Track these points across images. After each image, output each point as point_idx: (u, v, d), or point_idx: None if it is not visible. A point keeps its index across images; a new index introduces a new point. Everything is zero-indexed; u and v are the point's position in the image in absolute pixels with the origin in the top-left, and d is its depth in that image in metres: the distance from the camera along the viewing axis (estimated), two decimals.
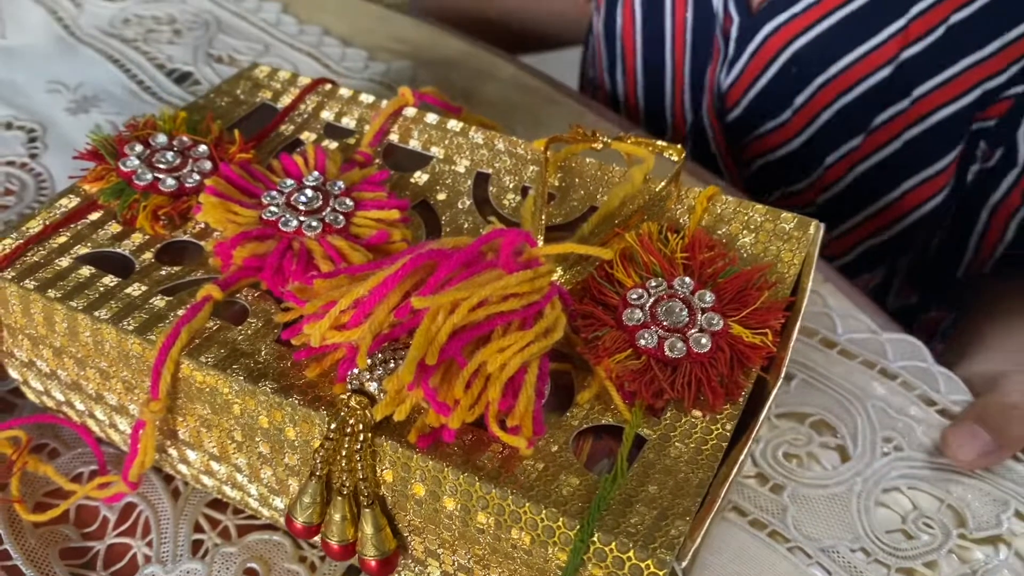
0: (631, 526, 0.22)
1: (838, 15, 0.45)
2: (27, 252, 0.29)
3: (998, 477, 0.31)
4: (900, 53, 0.44)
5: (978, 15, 0.43)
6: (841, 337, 0.35)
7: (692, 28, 0.50)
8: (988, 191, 0.46)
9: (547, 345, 0.25)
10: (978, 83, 0.44)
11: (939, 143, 0.46)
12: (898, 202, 0.48)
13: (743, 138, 0.50)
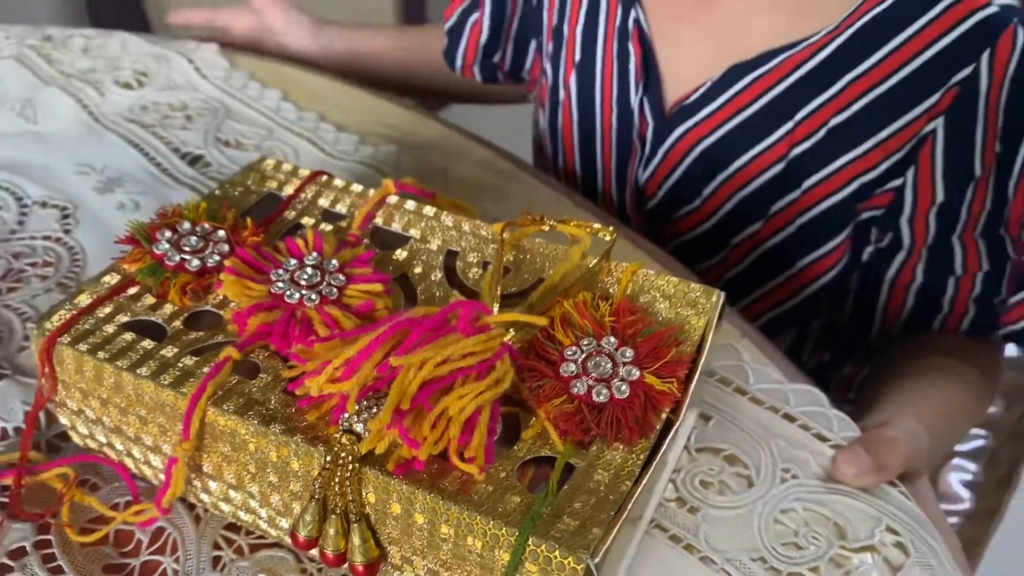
0: (558, 532, 0.28)
1: (736, 120, 0.52)
2: (79, 321, 0.35)
3: (874, 498, 0.37)
4: (790, 151, 0.52)
5: (854, 118, 0.50)
6: (752, 386, 0.41)
7: (616, 129, 0.58)
8: (885, 268, 0.54)
9: (497, 393, 0.31)
10: (856, 176, 0.51)
11: (828, 227, 0.53)
12: (796, 276, 0.55)
13: (659, 223, 0.58)
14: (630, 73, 0.56)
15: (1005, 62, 0.48)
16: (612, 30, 0.57)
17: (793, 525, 0.36)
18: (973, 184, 0.50)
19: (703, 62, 0.54)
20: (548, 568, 0.28)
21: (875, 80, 0.50)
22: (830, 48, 0.50)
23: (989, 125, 0.49)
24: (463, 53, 0.67)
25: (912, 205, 0.52)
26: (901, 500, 0.37)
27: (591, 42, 0.58)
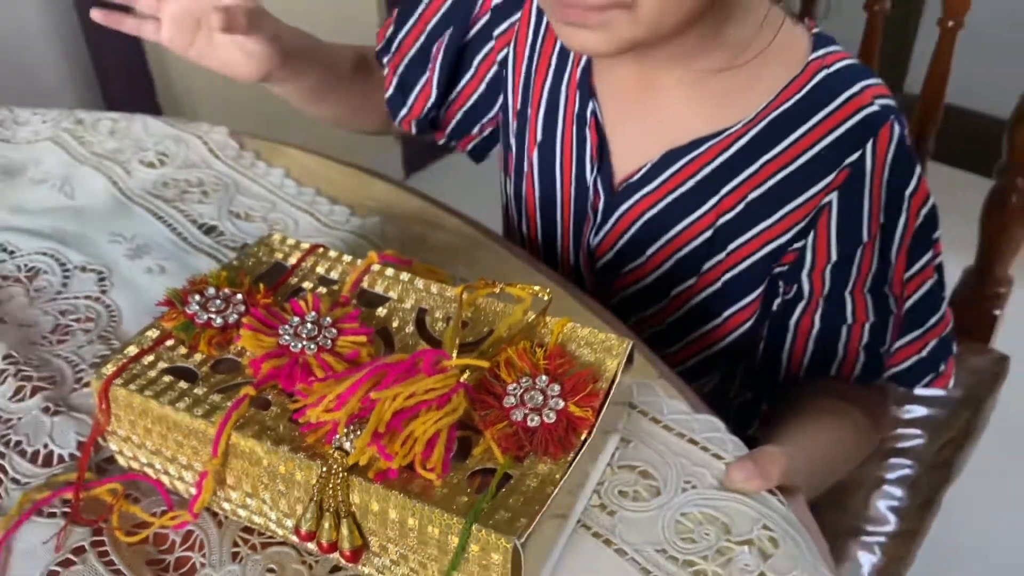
0: (495, 522, 0.38)
1: (673, 195, 0.63)
2: (129, 367, 0.45)
3: (755, 503, 0.47)
4: (717, 220, 0.62)
5: (768, 193, 0.60)
6: (665, 416, 0.51)
7: (574, 200, 0.68)
8: (789, 316, 0.64)
9: (453, 419, 0.41)
10: (770, 240, 0.61)
11: (748, 283, 0.63)
12: (722, 325, 0.65)
13: (608, 279, 0.68)
14: (587, 155, 0.67)
15: (885, 149, 0.59)
16: (571, 117, 0.67)
17: (690, 524, 0.46)
18: (861, 248, 0.61)
19: (645, 147, 0.64)
20: (486, 548, 0.38)
21: (784, 162, 0.61)
22: (747, 137, 0.61)
23: (874, 200, 0.60)
24: (408, 109, 0.76)
25: (812, 262, 0.62)
26: (776, 504, 0.47)
27: (552, 125, 0.69)
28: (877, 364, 0.64)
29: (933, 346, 0.66)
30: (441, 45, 0.73)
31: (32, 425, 0.51)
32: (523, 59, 0.70)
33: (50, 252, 0.65)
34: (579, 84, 0.66)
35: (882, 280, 0.62)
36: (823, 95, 0.60)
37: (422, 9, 0.74)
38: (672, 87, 0.63)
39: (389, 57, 0.76)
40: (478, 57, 0.72)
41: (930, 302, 0.64)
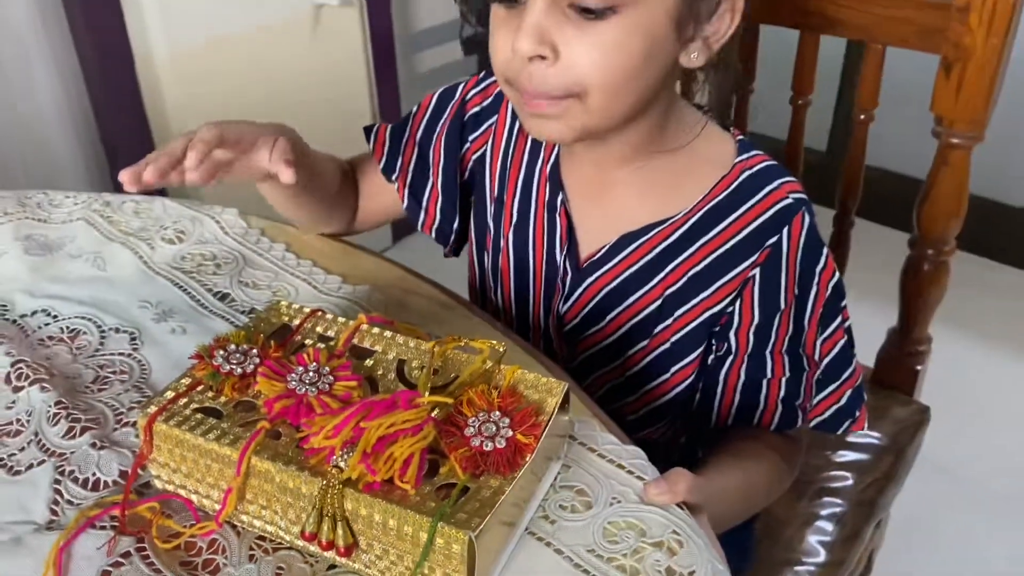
0: (455, 521, 0.50)
1: (628, 272, 0.75)
2: (168, 408, 0.57)
3: (667, 513, 0.58)
4: (665, 292, 0.74)
5: (706, 269, 0.73)
6: (600, 446, 0.63)
7: (544, 275, 0.80)
8: (719, 370, 0.75)
9: (424, 445, 0.53)
10: (708, 308, 0.73)
11: (691, 344, 0.75)
12: (670, 379, 0.77)
13: (574, 341, 0.79)
14: (557, 237, 0.79)
15: (798, 234, 0.72)
16: (543, 204, 0.80)
17: (614, 530, 0.57)
18: (779, 314, 0.73)
19: (605, 231, 0.76)
20: (448, 541, 0.49)
21: (718, 244, 0.73)
22: (687, 224, 0.74)
23: (789, 275, 0.72)
24: (425, 214, 0.88)
25: (738, 322, 0.74)
26: (683, 515, 0.58)
27: (526, 210, 0.81)
28: (792, 416, 0.75)
29: (849, 396, 0.77)
30: (437, 149, 0.86)
31: (82, 458, 0.63)
32: (499, 154, 0.83)
33: (88, 316, 0.77)
34: (549, 177, 0.79)
35: (797, 343, 0.74)
36: (747, 191, 0.73)
37: (411, 123, 0.87)
38: (624, 183, 0.75)
39: (396, 174, 0.87)
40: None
41: (843, 359, 0.76)
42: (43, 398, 0.67)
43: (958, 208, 1.03)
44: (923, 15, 0.95)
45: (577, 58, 0.63)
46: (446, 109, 0.85)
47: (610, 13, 0.62)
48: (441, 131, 0.85)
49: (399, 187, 0.87)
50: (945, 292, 1.10)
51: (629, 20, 0.63)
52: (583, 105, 0.65)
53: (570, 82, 0.64)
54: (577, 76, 0.64)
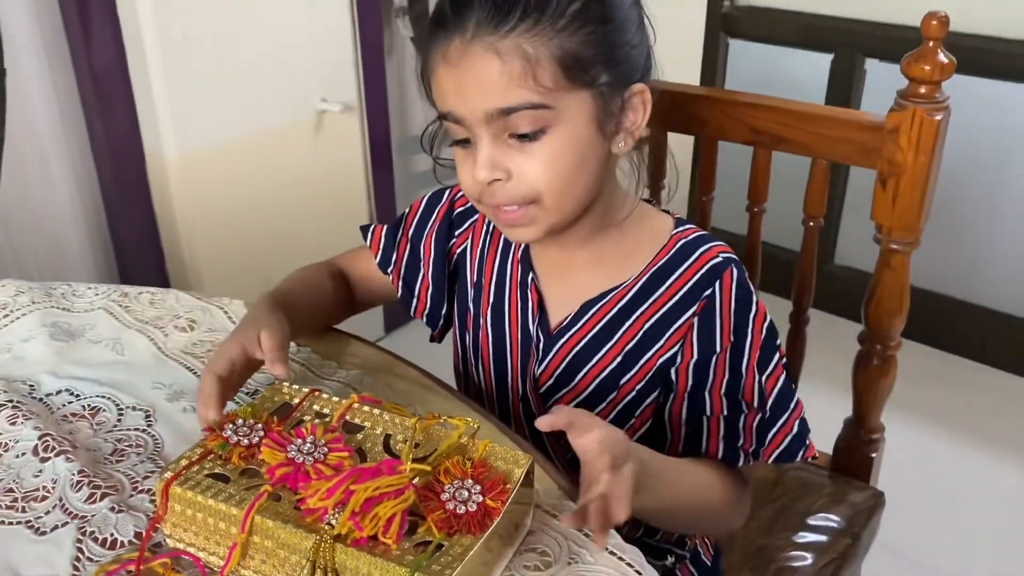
0: (430, 572, 0.58)
1: (591, 333, 0.85)
2: (183, 473, 0.65)
3: (615, 570, 0.66)
4: (624, 347, 0.84)
5: (655, 324, 0.83)
6: (560, 513, 0.71)
7: (520, 344, 0.90)
8: (664, 405, 0.85)
9: (405, 506, 0.61)
10: (662, 356, 0.84)
11: (651, 389, 0.85)
12: (634, 424, 0.87)
13: (548, 399, 0.89)
14: (529, 311, 0.89)
15: (729, 286, 0.83)
16: (516, 284, 0.91)
17: None
18: (715, 356, 0.83)
19: (569, 302, 0.87)
20: None
21: (664, 301, 0.84)
22: (636, 287, 0.85)
23: (724, 322, 0.83)
24: (417, 301, 0.98)
25: (680, 360, 0.84)
26: (629, 570, 0.66)
27: (501, 290, 0.92)
28: (735, 454, 0.84)
29: (798, 426, 0.85)
30: (428, 245, 0.97)
31: (102, 520, 0.70)
32: (479, 246, 0.94)
33: (107, 395, 0.86)
34: (521, 261, 0.90)
35: (736, 388, 0.83)
36: (683, 255, 0.85)
37: (403, 223, 0.98)
38: (582, 259, 0.87)
39: (392, 268, 0.99)
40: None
41: (786, 392, 0.85)
42: (67, 467, 0.75)
43: (900, 307, 1.13)
44: (860, 135, 1.07)
45: (526, 174, 0.76)
46: (435, 210, 0.97)
47: (541, 134, 0.75)
48: (431, 229, 0.96)
49: (394, 279, 0.98)
50: (894, 384, 1.19)
51: (558, 134, 0.75)
52: (542, 208, 0.78)
53: (525, 192, 0.77)
54: (530, 187, 0.76)
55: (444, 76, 0.76)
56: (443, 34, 0.75)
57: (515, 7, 0.73)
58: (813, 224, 1.16)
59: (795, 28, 2.38)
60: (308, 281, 0.97)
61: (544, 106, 0.74)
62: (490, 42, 0.73)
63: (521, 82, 0.73)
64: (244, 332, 0.82)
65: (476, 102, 0.74)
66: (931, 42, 1.00)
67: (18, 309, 0.99)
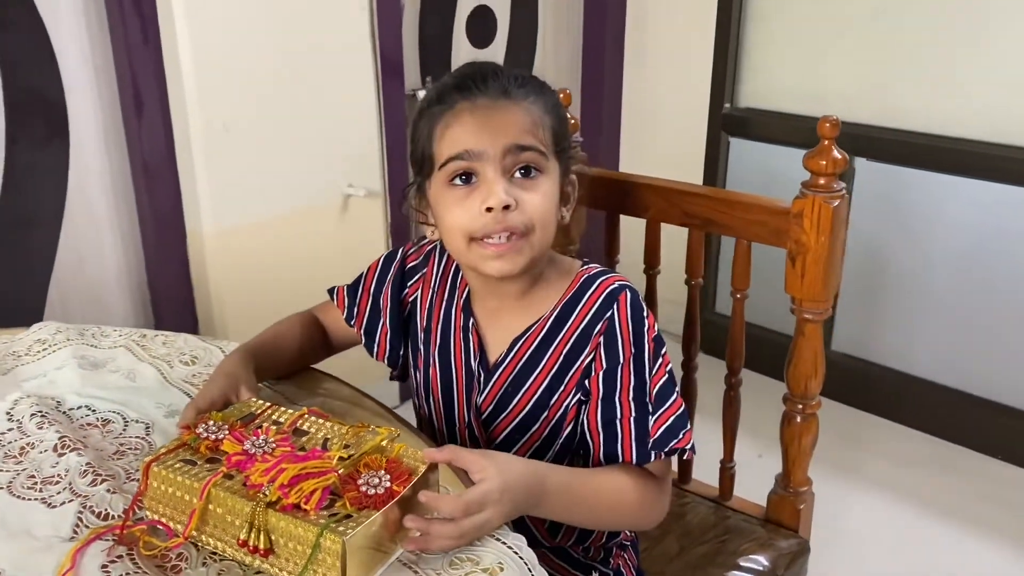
0: (333, 531, 0.74)
1: (521, 362, 1.02)
2: (161, 458, 0.83)
3: (498, 549, 0.82)
4: (550, 372, 1.01)
5: (572, 348, 1.00)
6: None
7: (464, 377, 1.07)
8: (584, 414, 1.01)
9: (325, 484, 0.78)
10: (581, 374, 1.00)
11: (576, 404, 1.02)
12: (564, 438, 1.03)
13: (490, 425, 1.05)
14: (471, 351, 1.07)
15: (625, 307, 1.00)
16: (459, 328, 1.08)
17: (458, 561, 0.81)
18: (620, 366, 0.99)
19: (502, 340, 1.05)
20: (328, 542, 0.74)
21: (576, 327, 1.01)
22: (551, 319, 1.02)
23: (624, 336, 0.99)
24: (378, 347, 1.17)
25: (592, 371, 1.00)
26: (509, 552, 0.82)
27: (447, 335, 1.09)
28: (646, 453, 0.98)
29: (675, 418, 0.99)
30: (386, 297, 1.15)
31: (100, 499, 0.89)
32: (428, 295, 1.12)
33: (117, 411, 1.05)
34: (463, 309, 1.08)
35: (642, 392, 0.99)
36: (587, 287, 1.03)
37: (363, 282, 1.17)
38: (512, 306, 1.05)
39: (355, 320, 1.17)
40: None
41: (666, 391, 1.00)
42: (78, 460, 0.93)
43: (816, 370, 1.28)
44: (772, 219, 1.24)
45: (528, 205, 0.95)
46: (390, 267, 1.16)
47: (538, 174, 0.96)
48: (388, 283, 1.15)
49: (357, 329, 1.16)
50: (816, 440, 1.33)
51: (547, 182, 0.97)
52: (529, 241, 0.97)
53: (527, 220, 0.95)
54: (527, 218, 0.95)
55: (469, 120, 0.95)
56: (472, 95, 0.96)
57: (525, 87, 0.98)
58: (740, 296, 1.33)
59: (791, 129, 2.58)
60: (281, 334, 1.17)
61: (543, 154, 0.96)
62: (513, 101, 0.96)
63: (532, 132, 0.96)
64: (225, 382, 1.01)
65: (499, 139, 0.94)
66: (826, 141, 1.19)
67: (55, 344, 1.20)
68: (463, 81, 0.97)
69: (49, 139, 1.92)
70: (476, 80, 0.97)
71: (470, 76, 0.97)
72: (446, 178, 0.97)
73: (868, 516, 2.18)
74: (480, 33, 2.68)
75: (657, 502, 1.02)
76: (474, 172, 0.96)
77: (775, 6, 2.63)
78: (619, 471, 0.99)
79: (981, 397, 2.41)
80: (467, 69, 1.00)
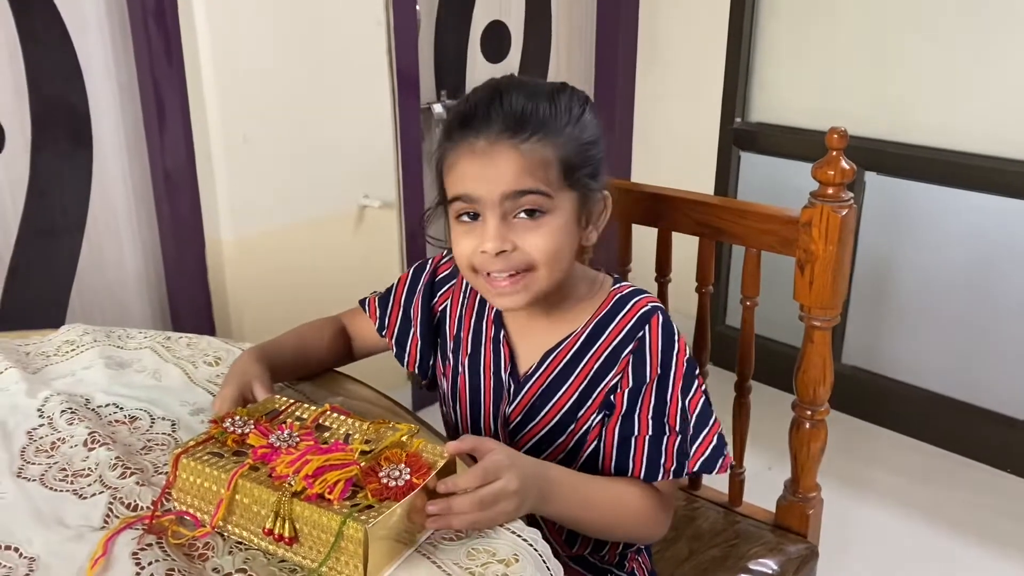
0: (357, 520, 0.77)
1: (551, 376, 1.05)
2: (190, 450, 0.87)
3: (514, 540, 0.84)
4: (579, 387, 1.04)
5: (602, 365, 1.02)
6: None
7: (493, 388, 1.10)
8: (605, 427, 1.03)
9: (348, 476, 0.81)
10: (608, 391, 1.02)
11: (600, 418, 1.04)
12: (585, 448, 1.05)
13: (516, 434, 1.08)
14: (502, 362, 1.09)
15: (656, 328, 1.03)
16: (490, 339, 1.11)
17: (475, 552, 0.83)
18: (646, 385, 1.02)
19: (533, 353, 1.08)
20: (351, 531, 0.77)
21: (607, 345, 1.04)
22: (584, 336, 1.05)
23: (653, 357, 1.02)
24: (408, 357, 1.20)
25: (620, 387, 1.02)
26: (524, 544, 0.85)
27: (477, 344, 1.12)
28: (655, 470, 1.01)
29: (715, 442, 1.03)
30: (416, 307, 1.18)
31: (129, 491, 0.92)
32: (458, 304, 1.15)
33: (144, 409, 1.08)
34: (494, 321, 1.11)
35: (661, 413, 1.01)
36: (620, 306, 1.05)
37: (394, 292, 1.20)
38: (543, 319, 1.07)
39: (386, 331, 1.21)
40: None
41: (705, 414, 1.03)
42: (107, 455, 0.97)
43: (824, 376, 1.30)
44: (781, 228, 1.27)
45: (528, 246, 0.97)
46: (420, 277, 1.19)
47: (541, 215, 0.96)
48: (419, 294, 1.18)
49: (388, 339, 1.20)
50: (825, 446, 1.36)
51: (553, 220, 0.97)
52: (535, 276, 0.99)
53: (526, 261, 0.98)
54: (529, 257, 0.98)
55: (468, 164, 0.97)
56: (472, 134, 0.95)
57: (528, 124, 0.95)
58: (750, 304, 1.36)
59: (800, 143, 2.62)
60: (307, 336, 1.21)
61: (547, 195, 0.96)
62: (512, 144, 0.94)
63: (533, 174, 0.95)
64: (238, 380, 1.05)
65: (496, 186, 0.94)
66: (834, 152, 1.22)
67: (83, 346, 1.23)
68: (467, 116, 0.96)
69: (73, 149, 1.97)
70: (479, 117, 0.95)
71: (473, 111, 0.96)
72: (455, 213, 1.01)
73: (878, 528, 2.20)
74: (495, 48, 2.73)
75: (659, 518, 1.04)
76: (478, 212, 0.98)
77: (785, 23, 2.67)
78: (625, 481, 1.02)
79: (991, 410, 2.42)
80: (477, 96, 0.98)
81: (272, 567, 0.82)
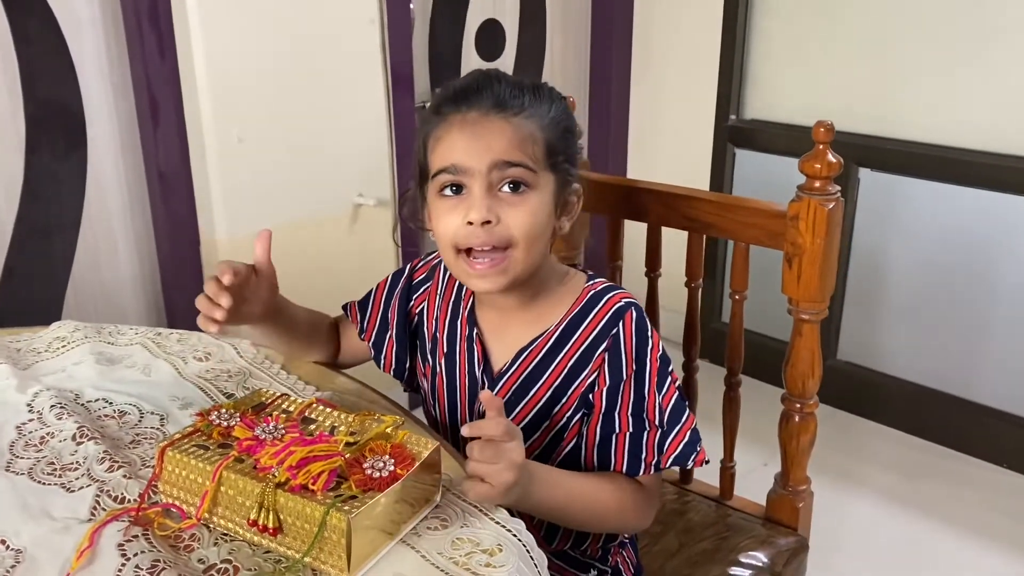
0: (340, 510, 0.78)
1: (525, 373, 1.05)
2: (176, 443, 0.87)
3: (497, 531, 0.85)
4: (553, 384, 1.04)
5: (576, 362, 1.03)
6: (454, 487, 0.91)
7: (468, 386, 1.11)
8: (586, 426, 1.04)
9: (332, 467, 0.82)
10: (584, 388, 1.03)
11: (576, 414, 1.04)
12: (562, 446, 1.06)
13: None
14: (475, 360, 1.10)
15: (630, 324, 1.03)
16: (464, 338, 1.12)
17: (459, 542, 0.84)
18: (623, 383, 1.02)
19: (507, 351, 1.08)
20: (334, 521, 0.77)
21: (581, 342, 1.04)
22: (557, 333, 1.05)
23: (627, 354, 1.02)
24: (384, 359, 1.20)
25: (597, 386, 1.03)
26: (508, 535, 0.85)
27: (452, 344, 1.13)
28: (637, 464, 1.02)
29: (688, 437, 1.03)
30: (393, 311, 1.19)
31: (116, 484, 0.92)
32: (434, 307, 1.16)
33: (133, 403, 1.09)
34: (467, 320, 1.11)
35: (640, 408, 1.02)
36: (593, 303, 1.05)
37: (373, 296, 1.22)
38: (516, 318, 1.08)
39: (365, 334, 1.22)
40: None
41: (679, 409, 1.04)
42: (95, 449, 0.97)
43: (813, 369, 1.31)
44: (769, 222, 1.28)
45: (510, 220, 0.97)
46: (398, 282, 1.20)
47: (526, 189, 0.98)
48: (396, 297, 1.19)
49: (367, 342, 1.20)
50: (815, 439, 1.36)
51: (535, 197, 0.99)
52: (513, 258, 0.99)
53: (506, 237, 0.97)
54: (510, 233, 0.98)
55: (458, 135, 0.98)
56: (464, 107, 0.98)
57: (519, 101, 0.98)
58: (739, 297, 1.36)
59: (794, 140, 2.62)
60: (313, 312, 1.22)
61: (532, 170, 0.98)
62: (504, 116, 0.97)
63: (521, 148, 0.97)
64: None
65: (486, 154, 0.96)
66: (821, 145, 1.22)
67: (74, 342, 1.24)
68: (458, 92, 0.99)
69: (67, 149, 1.97)
70: (470, 92, 0.98)
71: (465, 87, 0.99)
72: (437, 188, 1.01)
73: (871, 523, 2.21)
74: (489, 46, 2.73)
75: (642, 509, 1.05)
76: (463, 184, 0.99)
77: (779, 21, 2.68)
78: (607, 475, 1.03)
79: (985, 405, 2.43)
80: (466, 79, 1.01)
81: (257, 558, 0.83)
